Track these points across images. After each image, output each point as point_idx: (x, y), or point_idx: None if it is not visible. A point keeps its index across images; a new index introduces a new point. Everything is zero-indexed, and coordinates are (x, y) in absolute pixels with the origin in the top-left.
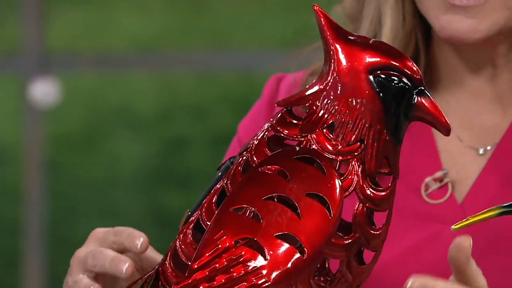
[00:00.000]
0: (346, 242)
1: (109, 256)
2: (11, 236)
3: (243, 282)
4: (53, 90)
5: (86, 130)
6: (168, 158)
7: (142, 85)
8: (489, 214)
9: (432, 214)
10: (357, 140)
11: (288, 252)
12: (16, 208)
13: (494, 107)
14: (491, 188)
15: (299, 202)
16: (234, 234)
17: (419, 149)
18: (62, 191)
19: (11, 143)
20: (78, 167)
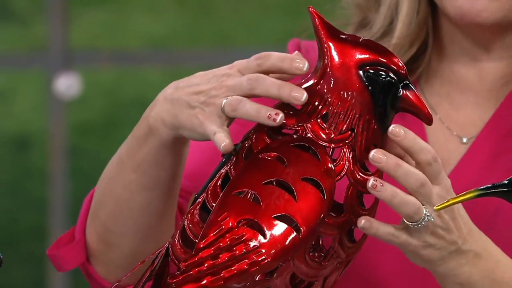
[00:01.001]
0: (338, 222)
1: (275, 81)
2: (39, 213)
3: (244, 259)
4: (76, 83)
5: (105, 119)
6: None
7: (154, 79)
8: (468, 196)
9: None
10: (348, 129)
11: (286, 231)
12: (43, 189)
13: (479, 101)
14: (470, 172)
15: (295, 185)
16: (236, 215)
17: None
18: (83, 173)
19: (38, 131)
20: (97, 152)
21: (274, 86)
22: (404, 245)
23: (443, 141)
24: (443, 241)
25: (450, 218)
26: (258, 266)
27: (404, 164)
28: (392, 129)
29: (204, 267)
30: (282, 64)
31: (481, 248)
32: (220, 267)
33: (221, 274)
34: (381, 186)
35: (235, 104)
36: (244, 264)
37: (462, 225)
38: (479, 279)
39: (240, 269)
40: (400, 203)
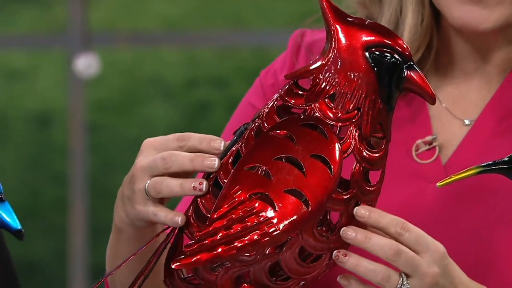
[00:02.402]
0: (345, 197)
1: (187, 155)
2: (60, 186)
3: (256, 230)
4: (94, 63)
5: (123, 97)
6: (193, 120)
7: (171, 59)
8: (469, 173)
9: (419, 172)
10: (355, 109)
11: (295, 205)
12: (63, 163)
13: (481, 84)
14: (471, 152)
15: (304, 162)
16: (248, 189)
17: (414, 116)
18: (102, 148)
19: (59, 108)
20: (115, 128)
21: (186, 160)
22: None
23: (446, 124)
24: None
25: (447, 282)
26: (269, 237)
27: (374, 237)
28: (356, 212)
29: (217, 237)
30: (201, 145)
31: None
32: (233, 237)
33: (234, 243)
34: (343, 257)
35: (158, 186)
36: (255, 235)
37: (460, 286)
38: None
39: (252, 239)
40: (365, 271)
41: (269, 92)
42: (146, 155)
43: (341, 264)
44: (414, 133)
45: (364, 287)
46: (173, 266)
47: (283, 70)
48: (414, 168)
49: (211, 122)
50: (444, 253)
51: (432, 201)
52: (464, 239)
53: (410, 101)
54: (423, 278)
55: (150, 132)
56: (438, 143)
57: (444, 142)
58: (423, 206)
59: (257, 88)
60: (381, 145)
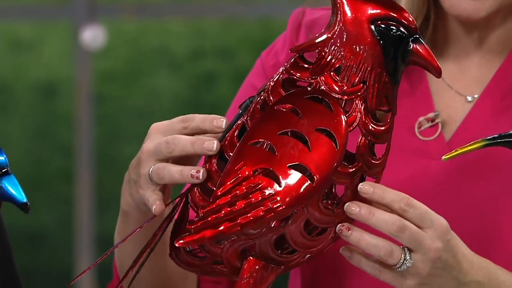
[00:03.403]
0: (351, 170)
1: (188, 138)
2: (66, 156)
3: (260, 206)
4: (100, 34)
5: (129, 67)
6: (199, 91)
7: (176, 30)
8: (475, 146)
9: (423, 149)
10: (360, 82)
11: (300, 180)
12: (69, 133)
13: (482, 61)
14: (475, 129)
15: (309, 136)
16: (252, 164)
17: (416, 93)
18: (108, 118)
19: (65, 79)
20: (121, 99)
21: (188, 143)
22: (394, 284)
23: (448, 100)
24: (442, 279)
25: (450, 256)
26: (273, 213)
27: (377, 212)
28: (361, 188)
29: (221, 214)
30: (204, 125)
31: (482, 276)
32: (237, 213)
33: (238, 220)
34: (346, 231)
35: (160, 172)
36: (260, 211)
37: (463, 260)
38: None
39: (256, 215)
40: (368, 246)
41: (270, 73)
42: (152, 139)
43: (344, 238)
44: (416, 110)
45: (366, 260)
46: (177, 244)
47: (283, 50)
48: (417, 145)
49: (216, 93)
50: (447, 228)
51: (436, 178)
52: (468, 215)
53: (409, 75)
54: (426, 253)
55: (155, 103)
56: (441, 119)
57: (447, 119)
58: (427, 183)
59: (258, 69)
60: (387, 118)
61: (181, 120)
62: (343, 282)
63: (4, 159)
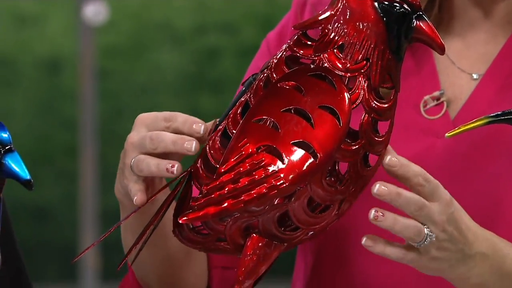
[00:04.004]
0: (354, 148)
1: (171, 137)
2: (70, 131)
3: (263, 183)
4: (104, 9)
5: (132, 43)
6: (202, 66)
7: (180, 4)
8: (478, 123)
9: (428, 128)
10: (364, 59)
11: (303, 157)
12: (73, 108)
13: (488, 38)
14: (480, 107)
15: (312, 113)
16: (256, 141)
17: (421, 72)
18: (111, 93)
19: (69, 54)
20: (125, 74)
21: (170, 142)
22: (412, 263)
23: (453, 78)
24: (449, 252)
25: (454, 228)
26: (276, 190)
27: (404, 192)
28: (389, 161)
29: (225, 191)
30: (183, 127)
31: (486, 248)
32: (240, 190)
33: (241, 197)
34: (382, 216)
35: (139, 164)
36: (263, 188)
37: (467, 232)
38: (489, 277)
39: (259, 192)
40: (401, 228)
41: None
42: (137, 131)
43: (378, 224)
44: (422, 89)
45: (390, 246)
46: (180, 221)
47: (288, 31)
48: (422, 124)
49: (220, 68)
50: (449, 201)
51: (441, 156)
52: (473, 193)
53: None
54: (437, 227)
55: (159, 78)
56: (446, 98)
57: (452, 97)
58: (432, 162)
59: (264, 51)
60: (390, 96)
61: (164, 119)
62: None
63: (7, 136)
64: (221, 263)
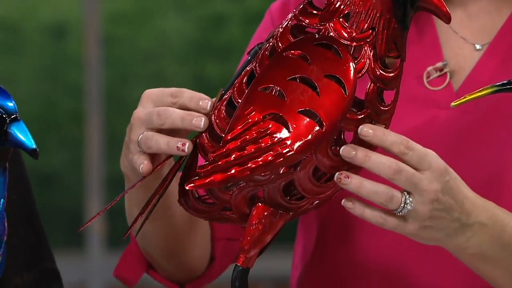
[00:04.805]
0: (359, 117)
1: (179, 113)
2: (75, 98)
3: (269, 151)
4: None
5: (138, 9)
6: (208, 33)
7: None
8: (484, 92)
9: (431, 99)
10: (369, 28)
11: (309, 125)
12: (79, 75)
13: (492, 9)
14: (484, 78)
15: (318, 82)
16: (262, 110)
17: (424, 43)
18: (117, 60)
19: (74, 20)
20: (131, 40)
21: (178, 118)
22: (397, 229)
23: (457, 49)
24: (445, 221)
25: (449, 197)
26: (283, 158)
27: (373, 155)
28: (361, 131)
29: (231, 158)
30: (190, 103)
31: (485, 218)
32: (247, 158)
33: (248, 164)
34: (345, 179)
35: (148, 142)
36: (269, 156)
37: (464, 201)
38: (489, 247)
39: (265, 160)
40: (368, 193)
41: None
42: (144, 107)
43: (343, 186)
44: (425, 59)
45: (369, 209)
46: (187, 187)
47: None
48: (425, 95)
49: (226, 35)
50: (444, 170)
51: (444, 127)
52: (476, 163)
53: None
54: (423, 194)
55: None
56: (449, 69)
57: (455, 68)
58: (435, 133)
59: (267, 23)
60: (396, 65)
61: (170, 94)
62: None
63: (13, 105)
64: (225, 234)
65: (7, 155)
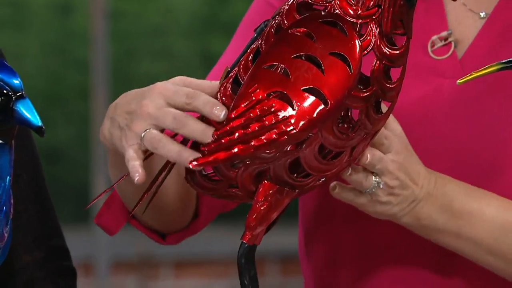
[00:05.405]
0: (365, 95)
1: (200, 127)
2: (82, 73)
3: (273, 129)
4: None
5: None
6: (214, 8)
7: None
8: (490, 70)
9: (435, 68)
10: (375, 5)
11: (314, 103)
12: (85, 50)
13: None
14: (487, 46)
15: (323, 60)
16: (266, 87)
17: (429, 11)
18: (123, 35)
19: None
20: (137, 15)
21: (199, 131)
22: (362, 207)
23: (461, 18)
24: (401, 197)
25: (405, 174)
26: (287, 135)
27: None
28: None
29: (235, 136)
30: (204, 109)
31: (434, 188)
32: (250, 136)
33: (252, 142)
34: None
35: (155, 143)
36: (273, 134)
37: (416, 177)
38: (439, 216)
39: (269, 138)
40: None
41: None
42: (153, 101)
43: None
44: (429, 29)
45: (346, 190)
46: (190, 166)
47: None
48: (430, 64)
49: (232, 10)
50: (403, 146)
51: (449, 97)
52: (480, 133)
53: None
54: (387, 174)
55: (171, 20)
56: (454, 38)
57: (460, 37)
58: (440, 102)
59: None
60: (402, 42)
61: (186, 95)
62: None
63: (19, 82)
64: None
65: (13, 133)
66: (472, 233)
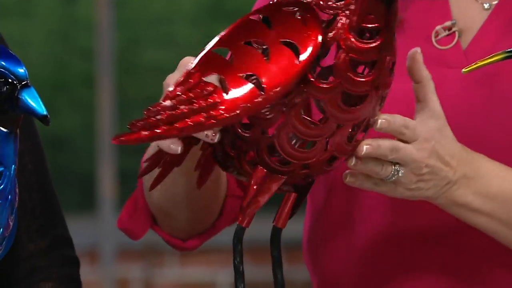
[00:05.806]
0: (327, 86)
1: None
2: (86, 62)
3: (201, 112)
4: None
5: None
6: None
7: None
8: (495, 58)
9: (439, 58)
10: None
11: (250, 90)
12: (90, 38)
13: None
14: (492, 37)
15: (272, 47)
16: (204, 71)
17: (433, 1)
18: (128, 23)
19: None
20: (142, 3)
21: None
22: (388, 193)
23: (465, 8)
24: (433, 182)
25: (436, 159)
26: (215, 120)
27: (373, 143)
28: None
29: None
30: None
31: (470, 170)
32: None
33: (176, 124)
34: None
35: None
36: (200, 117)
37: (450, 160)
38: (474, 197)
39: (196, 121)
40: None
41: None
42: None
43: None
44: (433, 19)
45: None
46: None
47: None
48: (434, 54)
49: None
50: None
51: (453, 87)
52: (485, 121)
53: None
54: (412, 164)
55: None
56: (458, 28)
57: (464, 27)
58: (444, 92)
59: None
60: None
61: None
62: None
63: (24, 71)
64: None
65: (18, 121)
66: (507, 215)
